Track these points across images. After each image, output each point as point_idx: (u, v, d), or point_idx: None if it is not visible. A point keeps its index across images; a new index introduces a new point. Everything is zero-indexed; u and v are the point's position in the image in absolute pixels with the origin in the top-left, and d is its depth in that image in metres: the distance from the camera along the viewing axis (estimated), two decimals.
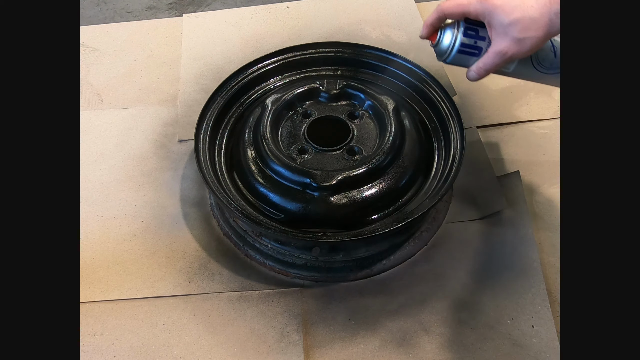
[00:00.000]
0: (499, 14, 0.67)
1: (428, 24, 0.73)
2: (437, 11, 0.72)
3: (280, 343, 0.77)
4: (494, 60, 0.70)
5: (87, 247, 0.88)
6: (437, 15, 0.72)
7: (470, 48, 0.72)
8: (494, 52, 0.70)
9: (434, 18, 0.72)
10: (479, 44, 0.72)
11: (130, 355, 0.76)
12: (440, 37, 0.73)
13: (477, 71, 0.73)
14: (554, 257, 0.84)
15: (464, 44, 0.72)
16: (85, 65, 1.16)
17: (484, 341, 0.76)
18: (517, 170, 0.93)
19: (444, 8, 0.71)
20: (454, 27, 0.72)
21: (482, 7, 0.68)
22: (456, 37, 0.72)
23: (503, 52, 0.68)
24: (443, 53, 0.74)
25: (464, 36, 0.72)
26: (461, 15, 0.71)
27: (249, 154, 0.86)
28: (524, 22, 0.66)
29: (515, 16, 0.66)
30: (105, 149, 1.01)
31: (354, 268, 0.83)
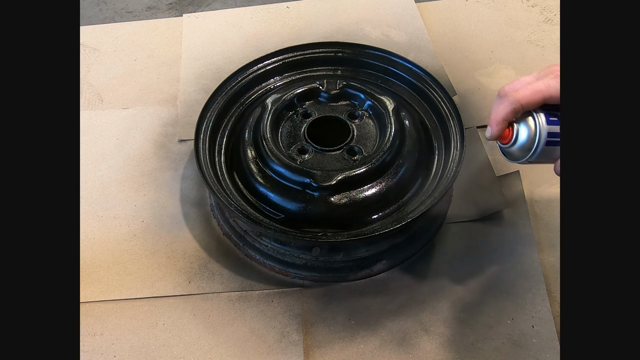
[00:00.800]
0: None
1: (500, 120, 0.60)
2: (511, 103, 0.59)
3: (280, 343, 0.77)
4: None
5: (87, 247, 0.88)
6: (512, 107, 0.59)
7: (556, 137, 0.60)
8: None
9: (507, 112, 0.59)
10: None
11: (130, 355, 0.76)
12: (517, 134, 0.61)
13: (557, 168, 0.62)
14: (554, 257, 0.84)
15: (551, 133, 0.60)
16: (85, 65, 1.16)
17: (484, 341, 0.76)
18: (517, 170, 0.93)
19: (519, 98, 0.59)
20: (531, 117, 0.60)
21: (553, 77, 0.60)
22: (539, 128, 0.60)
23: None
24: (526, 149, 0.62)
25: (549, 124, 0.60)
26: (542, 102, 0.60)
27: (249, 154, 0.86)
28: None
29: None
30: (105, 149, 1.01)
31: (354, 268, 0.83)
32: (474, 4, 1.27)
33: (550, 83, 0.59)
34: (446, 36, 1.20)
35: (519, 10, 1.25)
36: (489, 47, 1.17)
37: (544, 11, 1.24)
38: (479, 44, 1.18)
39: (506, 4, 1.27)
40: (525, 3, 1.27)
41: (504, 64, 1.13)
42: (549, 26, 1.21)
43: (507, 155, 0.65)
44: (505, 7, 1.26)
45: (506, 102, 0.59)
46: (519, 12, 1.25)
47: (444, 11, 1.26)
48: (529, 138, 0.61)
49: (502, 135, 0.62)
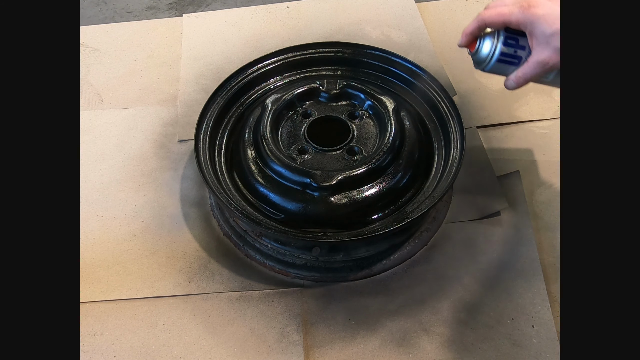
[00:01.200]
0: (541, 24, 0.66)
1: (467, 33, 0.72)
2: (477, 20, 0.71)
3: (280, 343, 0.77)
4: (534, 70, 0.69)
5: (87, 247, 0.88)
6: (477, 24, 0.71)
7: (510, 57, 0.72)
8: (535, 62, 0.69)
9: (473, 27, 0.72)
10: (518, 53, 0.71)
11: (130, 355, 0.76)
12: (480, 46, 0.73)
13: (516, 80, 0.72)
14: (554, 257, 0.84)
15: (504, 53, 0.72)
16: (85, 65, 1.16)
17: (484, 341, 0.76)
18: (517, 170, 0.93)
19: (484, 17, 0.70)
20: (494, 36, 0.72)
21: (524, 17, 0.67)
22: (496, 45, 0.72)
23: (544, 62, 0.68)
24: (482, 61, 0.74)
25: (504, 45, 0.71)
26: (502, 25, 0.70)
27: (249, 154, 0.86)
28: None
29: (557, 27, 0.65)
30: (105, 149, 1.01)
31: (354, 268, 0.83)
32: (474, 4, 1.27)
33: (513, 10, 0.68)
34: (446, 36, 1.20)
35: None
36: None
37: None
38: None
39: None
40: None
41: None
42: None
43: (474, 62, 0.76)
44: None
45: (475, 19, 0.72)
46: None
47: (444, 11, 1.26)
48: (486, 52, 0.73)
49: (470, 45, 0.74)
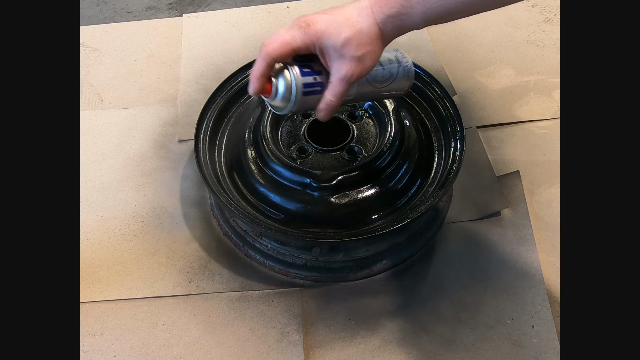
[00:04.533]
0: (328, 38, 0.60)
1: (259, 76, 0.62)
2: (264, 58, 0.61)
3: (280, 343, 0.77)
4: (340, 88, 0.62)
5: (87, 247, 0.88)
6: (264, 62, 0.61)
7: (312, 86, 0.63)
8: (338, 80, 0.62)
9: (262, 67, 0.61)
10: (318, 79, 0.63)
11: (130, 355, 0.76)
12: (276, 88, 0.63)
13: (328, 107, 0.64)
14: (554, 257, 0.84)
15: (306, 84, 0.63)
16: (85, 65, 1.16)
17: (484, 341, 0.76)
18: (517, 170, 0.93)
19: (269, 52, 0.61)
20: (287, 70, 0.63)
21: (309, 37, 0.60)
22: (295, 79, 0.62)
23: (347, 75, 0.61)
24: (284, 104, 0.64)
25: (303, 76, 0.63)
26: (291, 54, 0.62)
27: (249, 154, 0.86)
28: (357, 39, 0.60)
29: (345, 35, 0.59)
30: (105, 149, 1.01)
31: (354, 268, 0.83)
32: None
33: (294, 34, 0.61)
34: (446, 36, 1.20)
35: (519, 10, 1.25)
36: (489, 47, 1.17)
37: (544, 11, 1.24)
38: (479, 44, 1.18)
39: None
40: (525, 3, 1.27)
41: (504, 64, 1.13)
42: (549, 26, 1.21)
43: (273, 108, 0.67)
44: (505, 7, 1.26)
45: (260, 57, 0.62)
46: (519, 12, 1.25)
47: None
48: (285, 90, 0.63)
49: (264, 90, 0.64)
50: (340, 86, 0.62)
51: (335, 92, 0.63)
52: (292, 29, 0.61)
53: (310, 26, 0.60)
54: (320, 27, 0.60)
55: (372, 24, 0.61)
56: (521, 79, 1.10)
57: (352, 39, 0.60)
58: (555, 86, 1.08)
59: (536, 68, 1.12)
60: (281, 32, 0.62)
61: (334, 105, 0.64)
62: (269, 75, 0.63)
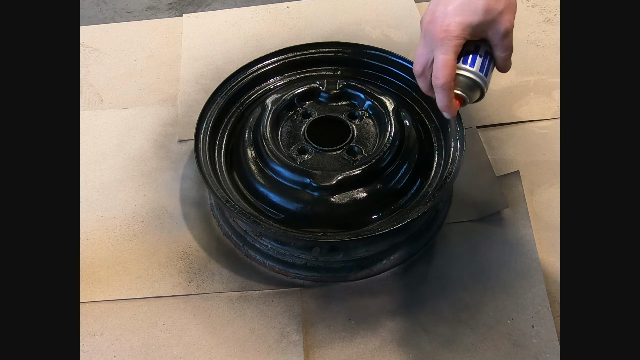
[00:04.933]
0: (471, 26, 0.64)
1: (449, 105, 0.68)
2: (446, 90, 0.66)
3: (280, 343, 0.77)
4: (507, 42, 0.67)
5: (87, 247, 0.88)
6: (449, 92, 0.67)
7: (484, 63, 0.69)
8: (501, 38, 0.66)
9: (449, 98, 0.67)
10: (481, 53, 0.68)
11: (130, 355, 0.76)
12: (464, 95, 0.69)
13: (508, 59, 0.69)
14: (554, 257, 0.84)
15: (481, 68, 0.68)
16: (85, 65, 1.16)
17: (484, 341, 0.76)
18: (517, 170, 0.93)
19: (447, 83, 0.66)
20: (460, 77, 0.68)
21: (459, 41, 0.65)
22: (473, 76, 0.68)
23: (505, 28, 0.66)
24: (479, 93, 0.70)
25: (472, 66, 0.68)
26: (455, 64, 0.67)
27: (249, 154, 0.86)
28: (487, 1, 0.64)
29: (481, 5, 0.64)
30: (105, 149, 1.01)
31: (354, 268, 0.83)
32: None
33: (447, 49, 0.65)
34: None
35: (519, 10, 1.23)
36: None
37: (544, 11, 1.24)
38: None
39: None
40: (525, 3, 1.27)
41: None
42: (549, 26, 1.20)
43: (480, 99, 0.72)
44: None
45: (442, 93, 0.67)
46: (519, 12, 1.23)
47: None
48: (473, 90, 0.69)
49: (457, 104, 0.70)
50: (506, 40, 0.67)
51: (505, 47, 0.67)
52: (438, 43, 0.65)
53: (449, 30, 0.64)
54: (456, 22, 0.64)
55: None
56: (521, 79, 1.10)
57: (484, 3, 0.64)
58: (555, 86, 1.08)
59: (536, 68, 1.12)
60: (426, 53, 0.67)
61: (510, 54, 0.69)
62: (453, 94, 0.68)
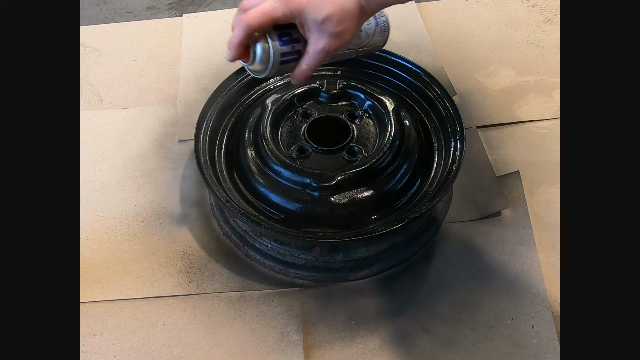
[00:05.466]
0: (309, 13, 0.62)
1: (236, 44, 0.64)
2: (243, 27, 0.62)
3: (280, 343, 0.77)
4: (317, 59, 0.65)
5: (87, 247, 0.88)
6: (243, 32, 0.62)
7: (290, 55, 0.66)
8: (315, 52, 0.64)
9: (241, 36, 0.63)
10: (296, 47, 0.66)
11: (130, 355, 0.76)
12: (254, 54, 0.65)
13: (302, 74, 0.67)
14: (554, 257, 0.84)
15: (284, 53, 0.65)
16: (85, 65, 1.16)
17: (484, 341, 0.76)
18: (517, 171, 0.93)
19: (249, 22, 0.62)
20: (265, 38, 0.64)
21: (290, 9, 0.62)
22: (273, 48, 0.65)
23: (324, 49, 0.64)
24: (261, 69, 0.67)
25: (282, 45, 0.65)
26: (270, 24, 0.63)
27: (249, 154, 0.86)
28: (338, 16, 0.62)
29: (327, 12, 0.61)
30: (105, 149, 1.01)
31: (354, 268, 0.83)
32: (474, 4, 1.27)
33: (275, 5, 0.62)
34: (446, 36, 1.20)
35: (519, 10, 1.25)
36: (489, 47, 1.17)
37: (544, 11, 1.24)
38: (479, 44, 1.18)
39: (506, 4, 1.27)
40: (525, 3, 1.27)
41: (504, 64, 1.13)
42: (549, 26, 1.21)
43: (251, 72, 0.69)
44: (505, 7, 1.26)
45: (239, 26, 0.63)
46: (519, 12, 1.25)
47: (444, 11, 1.26)
48: (263, 58, 0.65)
49: (242, 56, 0.66)
50: (316, 58, 0.65)
51: (310, 63, 0.65)
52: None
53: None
54: (303, 1, 0.62)
55: (354, 2, 0.63)
56: (521, 79, 1.10)
57: (333, 15, 0.62)
58: (555, 86, 1.08)
59: (536, 68, 1.12)
60: (257, 1, 0.63)
61: (307, 75, 0.67)
62: (247, 42, 0.65)
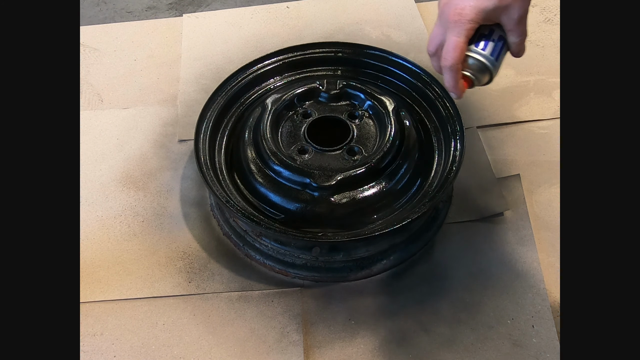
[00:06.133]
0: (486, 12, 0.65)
1: (455, 86, 0.68)
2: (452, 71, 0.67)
3: (280, 343, 0.77)
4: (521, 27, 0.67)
5: (87, 247, 0.88)
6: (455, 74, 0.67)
7: (497, 48, 0.69)
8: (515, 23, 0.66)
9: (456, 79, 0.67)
10: (495, 38, 0.68)
11: (130, 355, 0.76)
12: (474, 78, 0.69)
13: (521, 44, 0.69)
14: (554, 257, 0.84)
15: (492, 52, 0.68)
16: (85, 65, 1.16)
17: (484, 341, 0.76)
18: (518, 174, 0.93)
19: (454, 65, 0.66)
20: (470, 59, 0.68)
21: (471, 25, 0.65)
22: (483, 59, 0.68)
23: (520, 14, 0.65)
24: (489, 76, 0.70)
25: (484, 49, 0.68)
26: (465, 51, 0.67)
27: (249, 154, 0.86)
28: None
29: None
30: (105, 149, 1.01)
31: (354, 268, 0.83)
32: None
33: (459, 31, 0.66)
34: None
35: None
36: None
37: (544, 11, 1.24)
38: None
39: None
40: None
41: (504, 64, 1.13)
42: (549, 26, 1.21)
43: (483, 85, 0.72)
44: None
45: (447, 72, 0.67)
46: None
47: None
48: (483, 72, 0.69)
49: (465, 86, 0.70)
50: (520, 26, 0.67)
51: (519, 32, 0.67)
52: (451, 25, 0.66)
53: (463, 14, 0.65)
54: (470, 6, 0.64)
55: None
56: (521, 79, 1.10)
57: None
58: (555, 86, 1.08)
59: (536, 68, 1.12)
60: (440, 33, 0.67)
61: (524, 40, 0.69)
62: (460, 76, 0.68)
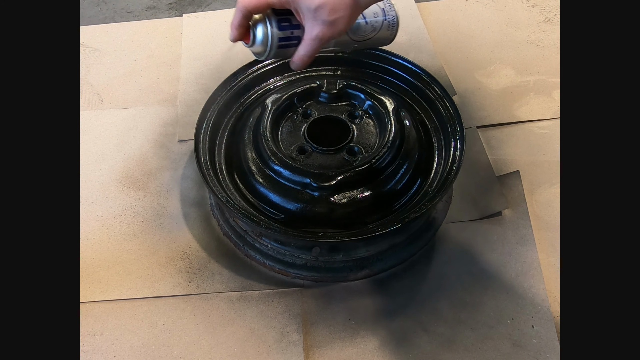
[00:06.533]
0: (303, 1, 0.63)
1: (236, 26, 0.67)
2: (240, 10, 0.66)
3: (280, 343, 0.77)
4: (312, 47, 0.66)
5: (87, 247, 0.88)
6: (241, 14, 0.66)
7: (288, 40, 0.68)
8: (310, 39, 0.66)
9: (239, 18, 0.66)
10: (295, 33, 0.67)
11: (130, 355, 0.76)
12: (254, 37, 0.68)
13: (301, 60, 0.68)
14: (554, 257, 0.84)
15: (282, 38, 0.67)
16: (85, 65, 1.16)
17: (484, 341, 0.76)
18: (517, 170, 0.93)
19: (245, 5, 0.65)
20: (265, 22, 0.67)
21: None
22: (271, 32, 0.67)
23: (319, 37, 0.65)
24: (262, 52, 0.69)
25: (280, 30, 0.67)
26: (266, 7, 0.66)
27: (249, 154, 0.86)
28: (331, 4, 0.63)
29: (320, 0, 0.62)
30: (105, 149, 1.01)
31: (354, 268, 0.83)
32: (474, 4, 1.27)
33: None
34: (446, 36, 1.20)
35: (519, 10, 1.25)
36: (489, 47, 1.17)
37: (544, 11, 1.24)
38: (479, 44, 1.18)
39: (506, 4, 1.27)
40: (525, 3, 1.27)
41: (504, 64, 1.13)
42: (549, 26, 1.21)
43: (253, 53, 0.71)
44: (505, 7, 1.26)
45: (237, 9, 0.66)
46: (519, 12, 1.25)
47: (444, 11, 1.26)
48: (263, 41, 0.68)
49: (244, 37, 0.69)
50: (312, 45, 0.66)
51: (307, 49, 0.67)
52: None
53: None
54: None
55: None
56: (521, 79, 1.10)
57: (326, 3, 0.63)
58: (555, 86, 1.08)
59: (536, 68, 1.12)
60: None
61: (305, 60, 0.68)
62: (247, 25, 0.67)
